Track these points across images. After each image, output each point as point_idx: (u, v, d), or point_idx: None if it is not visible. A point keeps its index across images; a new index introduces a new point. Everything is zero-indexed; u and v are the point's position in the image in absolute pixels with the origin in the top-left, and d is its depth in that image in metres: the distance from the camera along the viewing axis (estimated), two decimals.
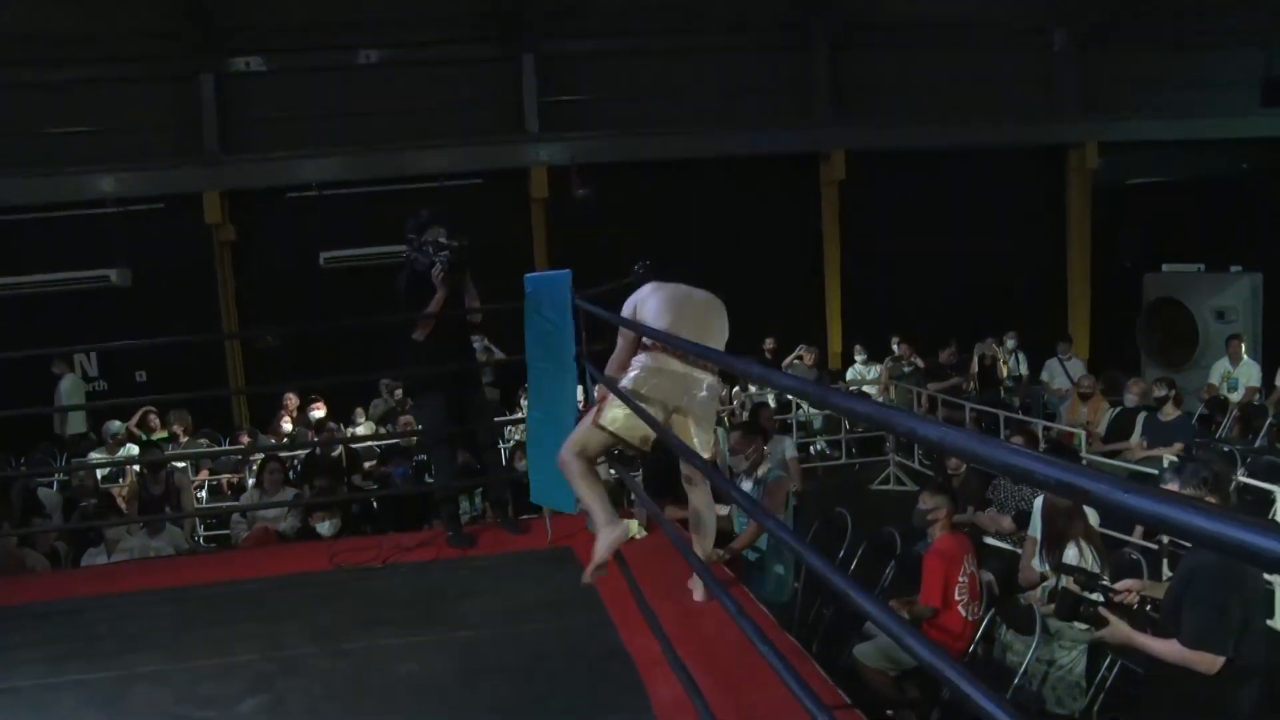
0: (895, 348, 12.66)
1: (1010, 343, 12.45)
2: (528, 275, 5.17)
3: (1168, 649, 3.43)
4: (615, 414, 3.81)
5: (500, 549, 5.31)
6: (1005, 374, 12.20)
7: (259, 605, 4.72)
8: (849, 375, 12.93)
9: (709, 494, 4.09)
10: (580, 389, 4.94)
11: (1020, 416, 10.43)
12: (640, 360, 3.91)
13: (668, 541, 4.22)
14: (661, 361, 3.85)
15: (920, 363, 12.24)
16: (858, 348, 13.09)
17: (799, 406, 11.76)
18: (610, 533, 3.63)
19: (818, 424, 12.01)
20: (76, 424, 11.43)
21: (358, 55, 13.34)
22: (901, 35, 14.06)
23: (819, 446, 12.06)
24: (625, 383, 3.83)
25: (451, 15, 13.26)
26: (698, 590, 4.13)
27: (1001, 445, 1.26)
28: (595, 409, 3.94)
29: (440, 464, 5.77)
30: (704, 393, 3.87)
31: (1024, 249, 14.89)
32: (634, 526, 5.11)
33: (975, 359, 12.06)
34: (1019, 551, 5.94)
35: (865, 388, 12.40)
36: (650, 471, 5.51)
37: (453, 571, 4.98)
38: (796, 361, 12.28)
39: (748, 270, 14.28)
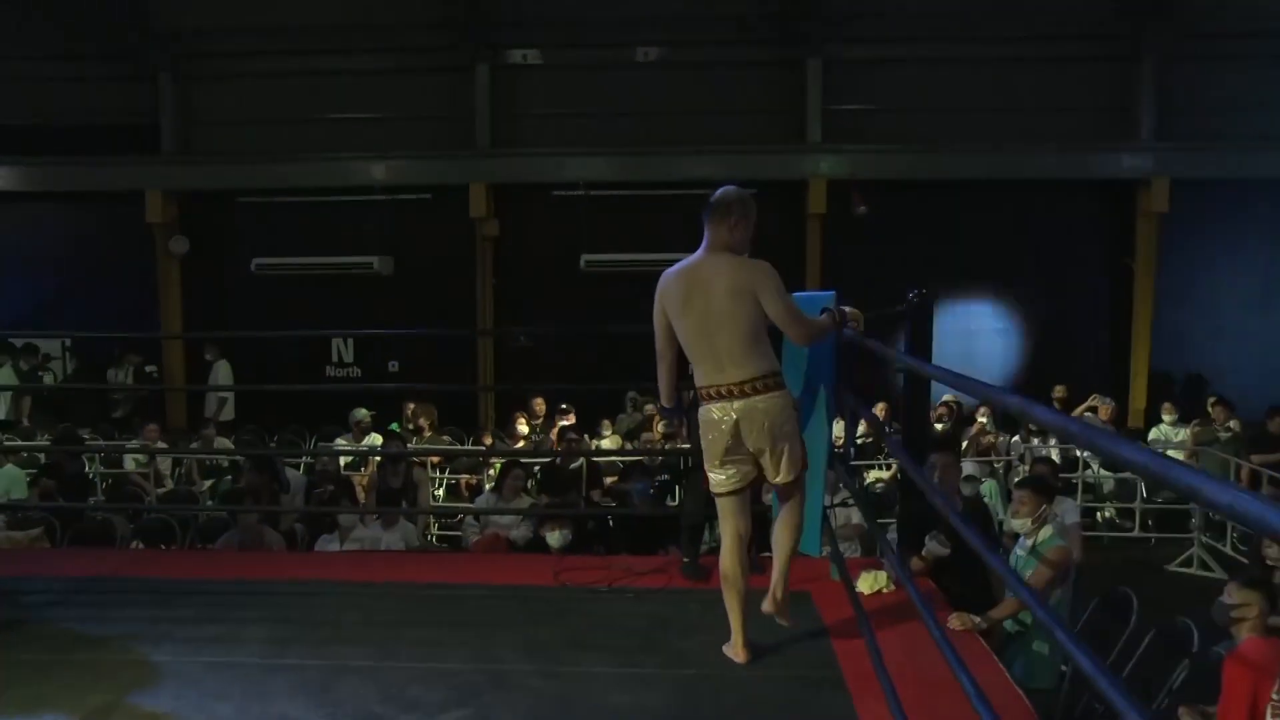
0: (1210, 409, 11.65)
1: None
2: (794, 294, 5.09)
3: None
4: (714, 477, 4.13)
5: (759, 584, 5.24)
6: None
7: (478, 613, 4.86)
8: (1151, 436, 12.05)
9: (793, 516, 4.20)
10: (838, 425, 4.82)
11: None
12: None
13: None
14: (702, 408, 4.06)
15: (1238, 428, 11.25)
16: (1167, 406, 12.16)
17: (1087, 465, 11.08)
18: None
19: (1108, 487, 11.26)
20: (228, 412, 13.11)
21: (636, 52, 13.63)
22: (1239, 47, 13.07)
23: (1107, 514, 11.31)
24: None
25: (735, 14, 13.34)
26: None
27: None
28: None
29: (693, 486, 5.75)
30: (756, 418, 3.94)
31: None
32: (882, 578, 4.94)
33: None
34: None
35: (1171, 451, 11.51)
36: (905, 518, 5.30)
37: (682, 604, 4.93)
38: (1089, 415, 11.57)
39: (1041, 307, 13.75)
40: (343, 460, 10.07)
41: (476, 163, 13.63)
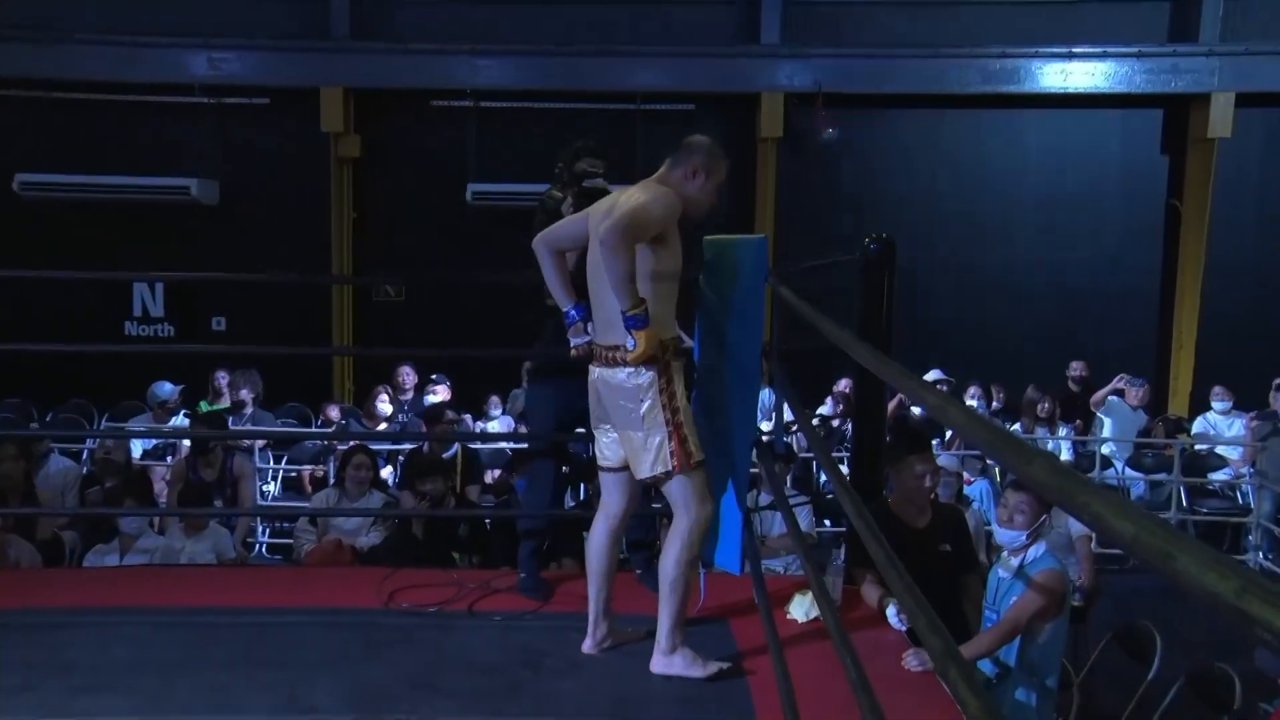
0: (1274, 396, 11.68)
1: None
2: (709, 238, 5.04)
3: None
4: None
5: (628, 608, 5.17)
6: None
7: (293, 647, 4.74)
8: (1196, 428, 12.15)
9: (678, 528, 4.31)
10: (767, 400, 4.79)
11: None
12: None
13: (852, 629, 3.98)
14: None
15: None
16: (1218, 391, 12.22)
17: (1107, 463, 11.17)
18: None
19: (1137, 491, 11.36)
20: None
21: None
22: None
23: None
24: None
25: None
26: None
27: None
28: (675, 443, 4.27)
29: (535, 480, 5.77)
30: (601, 390, 4.38)
31: None
32: (808, 601, 4.97)
33: None
34: None
35: (1221, 450, 11.61)
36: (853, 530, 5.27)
37: (561, 632, 4.87)
38: (1113, 399, 11.65)
39: (1057, 261, 13.79)
40: (139, 447, 9.85)
41: (330, 59, 13.44)
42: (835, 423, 10.78)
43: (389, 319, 14.06)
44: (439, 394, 11.28)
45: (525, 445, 8.84)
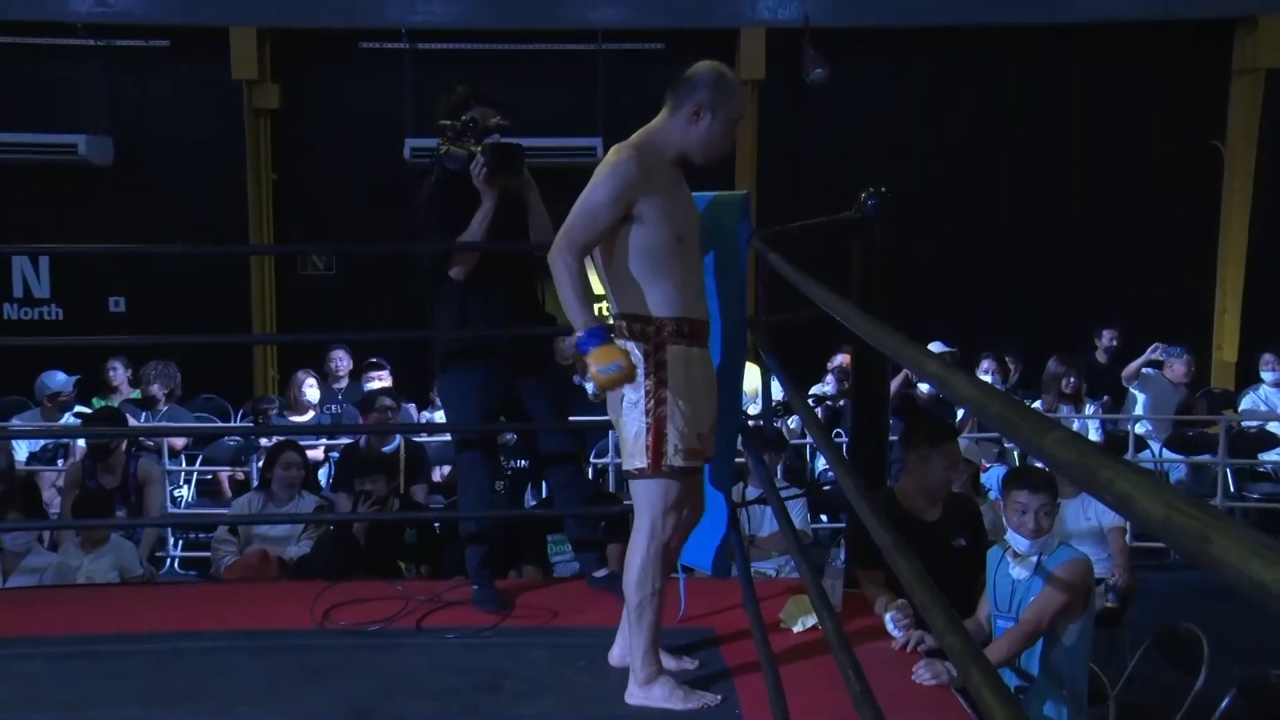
0: None
1: None
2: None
3: None
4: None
5: (591, 621, 5.21)
6: None
7: (212, 676, 4.73)
8: (1244, 403, 12.23)
9: (636, 566, 4.25)
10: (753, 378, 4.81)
11: None
12: None
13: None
14: None
15: None
16: (1268, 359, 12.30)
17: (1142, 444, 11.23)
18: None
19: (1177, 475, 11.43)
20: None
21: None
22: None
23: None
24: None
25: None
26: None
27: None
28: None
29: (467, 479, 5.79)
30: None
31: None
32: (804, 608, 4.98)
33: None
34: None
35: (1273, 427, 11.69)
36: (855, 527, 5.31)
37: (523, 650, 4.90)
38: (1149, 371, 11.70)
39: (1079, 212, 13.82)
40: (24, 448, 9.84)
41: None
42: (834, 403, 10.77)
43: (318, 295, 14.00)
44: (378, 380, 11.16)
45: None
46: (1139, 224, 13.88)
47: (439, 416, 10.74)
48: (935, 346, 11.46)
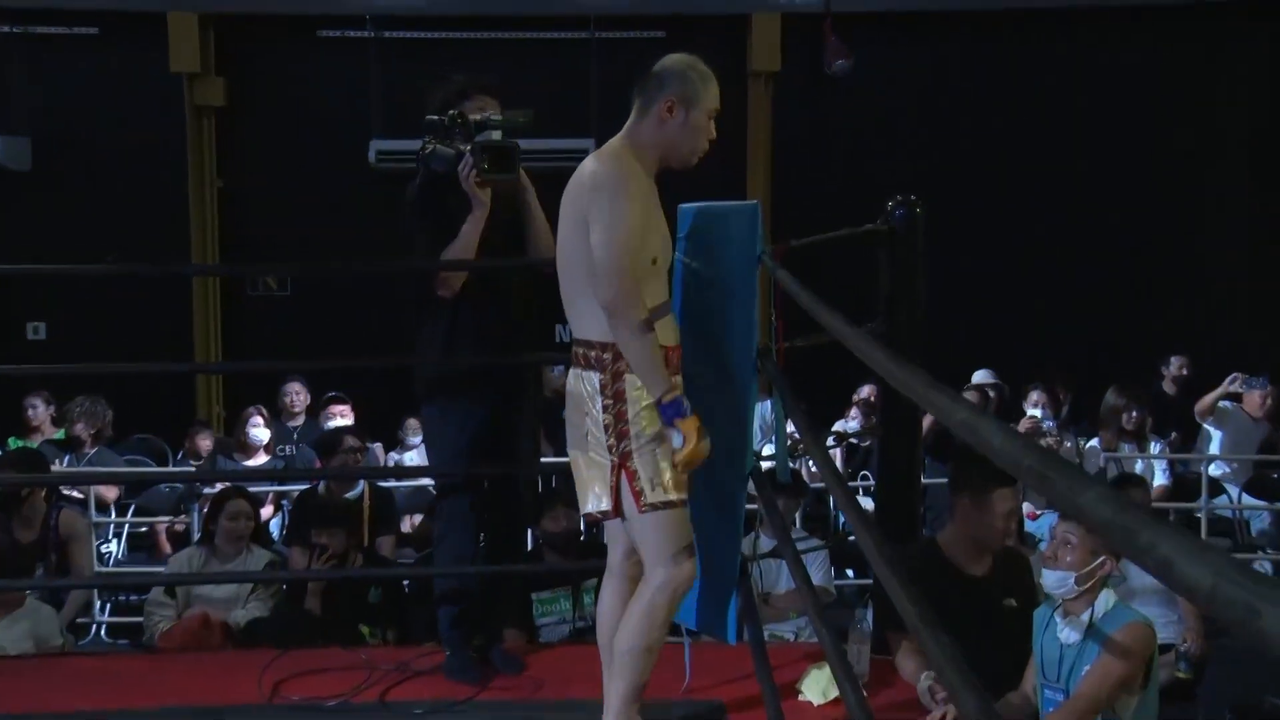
0: None
1: None
2: (686, 206, 5.05)
3: None
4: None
5: (580, 692, 5.17)
6: None
7: None
8: None
9: (645, 590, 4.24)
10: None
11: None
12: None
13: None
14: None
15: None
16: None
17: (1219, 489, 11.18)
18: None
19: (1258, 525, 11.39)
20: None
21: None
22: None
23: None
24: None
25: None
26: None
27: None
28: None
29: (447, 529, 5.77)
30: (571, 400, 4.37)
31: None
32: (822, 682, 4.93)
33: None
34: None
35: None
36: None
37: None
38: (1226, 404, 11.67)
39: (1136, 220, 13.85)
40: None
41: None
42: (859, 441, 10.71)
43: (270, 319, 14.06)
44: (339, 417, 11.16)
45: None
46: (1207, 232, 13.93)
47: (409, 458, 10.73)
48: (980, 376, 11.45)
